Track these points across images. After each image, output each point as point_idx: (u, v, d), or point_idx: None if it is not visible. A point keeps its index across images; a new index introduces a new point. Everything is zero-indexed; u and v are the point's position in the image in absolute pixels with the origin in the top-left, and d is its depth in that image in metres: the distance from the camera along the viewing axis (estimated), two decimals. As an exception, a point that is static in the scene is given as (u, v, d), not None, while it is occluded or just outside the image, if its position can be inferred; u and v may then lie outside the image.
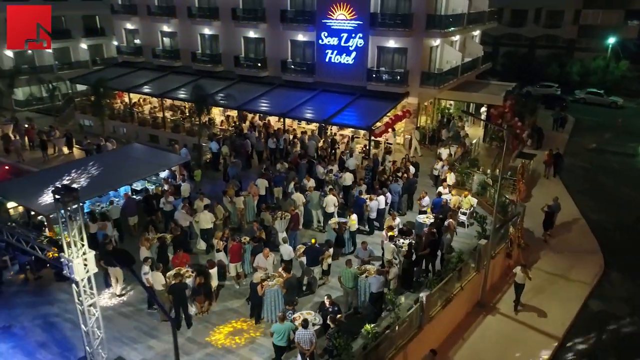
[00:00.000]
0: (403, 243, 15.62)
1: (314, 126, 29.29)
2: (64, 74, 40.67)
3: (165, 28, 35.21)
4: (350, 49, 28.15)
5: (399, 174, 21.02)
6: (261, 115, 30.21)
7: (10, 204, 16.57)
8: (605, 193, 26.02)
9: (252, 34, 31.72)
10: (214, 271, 14.18)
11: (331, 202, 18.26)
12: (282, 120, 28.27)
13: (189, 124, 30.05)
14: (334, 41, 28.50)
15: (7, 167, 22.59)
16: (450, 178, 21.22)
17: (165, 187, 19.33)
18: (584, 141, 34.17)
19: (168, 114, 31.95)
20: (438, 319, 14.44)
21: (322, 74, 29.49)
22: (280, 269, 14.07)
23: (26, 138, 29.06)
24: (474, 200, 20.13)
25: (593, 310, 17.01)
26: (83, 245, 9.09)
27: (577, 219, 22.83)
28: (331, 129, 29.09)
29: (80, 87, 38.95)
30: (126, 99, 34.11)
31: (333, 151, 25.93)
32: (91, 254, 9.35)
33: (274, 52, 31.16)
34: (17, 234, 9.90)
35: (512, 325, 16.02)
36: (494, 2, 51.62)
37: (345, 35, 28.04)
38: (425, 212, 18.78)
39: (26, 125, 29.71)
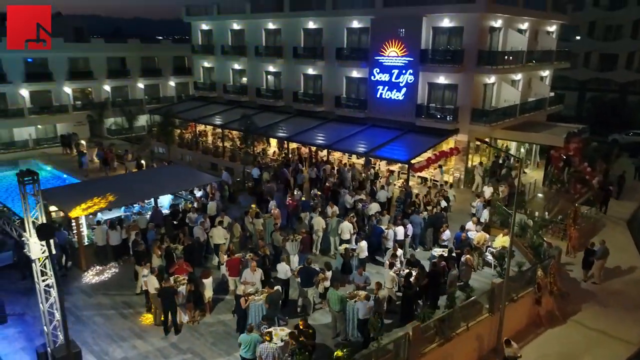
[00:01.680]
0: (406, 273, 14.86)
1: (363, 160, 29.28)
2: (151, 107, 44.95)
3: (236, 66, 37.88)
4: (401, 85, 28.16)
5: (429, 207, 20.26)
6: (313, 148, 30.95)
7: (52, 208, 18.47)
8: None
9: (310, 70, 33.03)
10: (208, 281, 14.48)
11: (347, 228, 17.98)
12: (327, 152, 28.80)
13: (243, 153, 31.57)
14: (385, 77, 28.75)
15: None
16: (483, 215, 19.98)
17: (195, 204, 20.38)
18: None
19: (227, 144, 33.84)
20: (433, 357, 13.35)
21: (373, 110, 29.70)
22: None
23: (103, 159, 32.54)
24: (507, 241, 18.62)
25: (633, 374, 14.70)
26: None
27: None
28: (378, 163, 28.89)
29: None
30: (196, 129, 36.77)
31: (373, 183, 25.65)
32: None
33: (330, 88, 32.08)
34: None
35: (528, 378, 14.31)
36: (580, 45, 49.53)
37: (396, 71, 28.19)
38: (445, 246, 17.77)
39: (104, 149, 33.09)
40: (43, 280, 10.44)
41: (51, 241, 9.41)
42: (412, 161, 24.37)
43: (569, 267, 20.48)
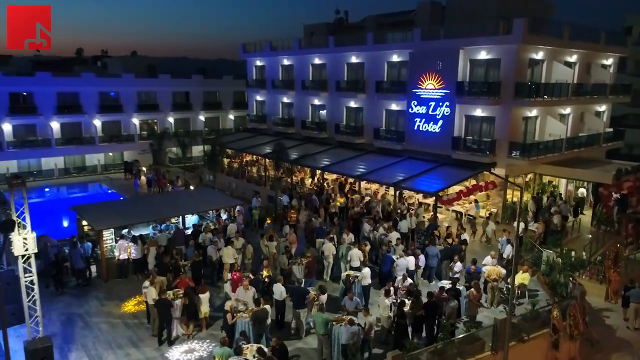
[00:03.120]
0: (399, 302, 14.39)
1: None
2: (209, 138, 47.45)
3: (285, 99, 39.38)
4: (437, 117, 27.84)
5: (448, 239, 19.59)
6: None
7: (85, 222, 20.05)
8: None
9: (352, 103, 33.59)
10: (204, 297, 14.86)
11: (356, 255, 17.77)
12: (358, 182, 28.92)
13: (284, 182, 32.37)
14: (422, 110, 28.58)
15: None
16: (506, 251, 18.97)
17: (217, 225, 21.21)
18: None
19: (269, 173, 34.90)
20: (420, 392, 12.68)
21: (410, 142, 29.48)
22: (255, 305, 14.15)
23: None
24: (527, 278, 17.50)
25: None
26: (25, 226, 10.89)
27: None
28: (415, 196, 28.35)
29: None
30: (242, 159, 38.34)
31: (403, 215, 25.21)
32: (32, 235, 11.09)
33: (370, 121, 32.36)
34: None
35: None
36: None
37: (433, 104, 27.97)
38: (457, 279, 16.97)
39: (158, 175, 35.39)
40: (26, 278, 11.37)
41: (30, 240, 10.37)
42: (441, 193, 23.76)
43: (607, 313, 18.74)
